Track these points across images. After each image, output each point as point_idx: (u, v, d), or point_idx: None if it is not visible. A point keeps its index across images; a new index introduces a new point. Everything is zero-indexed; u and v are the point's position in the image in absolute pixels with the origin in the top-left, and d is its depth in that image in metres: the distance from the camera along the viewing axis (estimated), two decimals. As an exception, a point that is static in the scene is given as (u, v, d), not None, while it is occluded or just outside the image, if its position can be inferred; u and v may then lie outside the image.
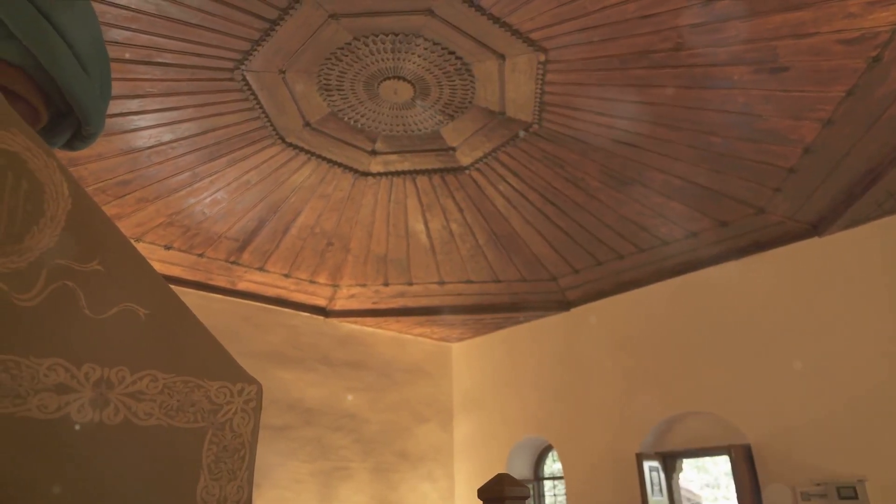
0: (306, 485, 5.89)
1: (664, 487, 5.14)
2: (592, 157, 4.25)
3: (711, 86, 3.44)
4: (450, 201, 4.94)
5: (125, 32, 3.13)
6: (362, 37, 3.40)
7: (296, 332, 6.31)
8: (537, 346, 6.52)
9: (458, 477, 6.98)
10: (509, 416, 6.58)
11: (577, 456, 5.79)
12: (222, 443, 0.88)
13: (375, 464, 6.44)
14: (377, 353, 6.87)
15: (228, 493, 0.88)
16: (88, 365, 0.79)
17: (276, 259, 5.49)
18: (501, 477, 1.97)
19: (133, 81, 3.46)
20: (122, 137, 3.88)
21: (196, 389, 0.87)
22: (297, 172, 4.55)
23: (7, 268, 0.76)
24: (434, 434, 7.02)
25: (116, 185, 4.31)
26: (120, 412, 0.81)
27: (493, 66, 3.62)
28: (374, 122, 4.17)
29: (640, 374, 5.44)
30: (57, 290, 0.80)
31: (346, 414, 6.39)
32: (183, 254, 5.20)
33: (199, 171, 4.33)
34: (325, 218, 5.07)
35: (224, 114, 3.88)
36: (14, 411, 0.73)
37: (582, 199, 4.70)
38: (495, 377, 6.92)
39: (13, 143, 0.80)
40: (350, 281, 5.95)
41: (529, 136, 4.17)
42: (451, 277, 5.85)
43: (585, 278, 5.76)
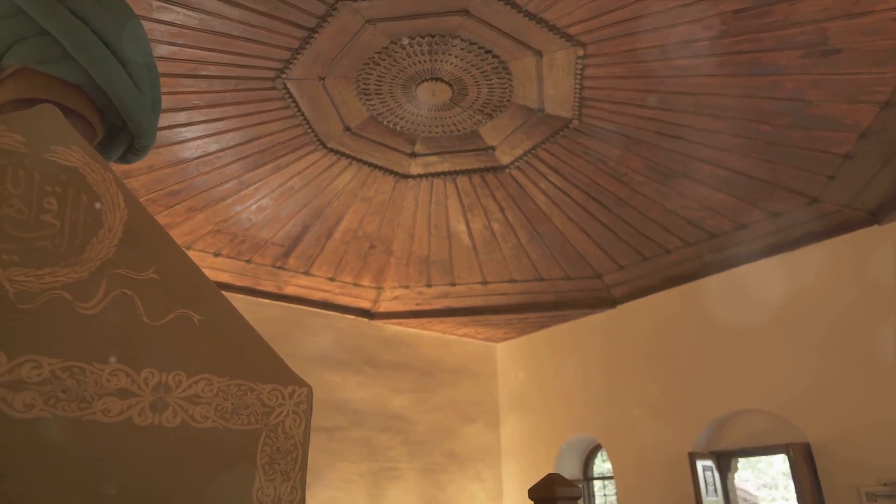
0: (356, 485, 5.97)
1: (719, 487, 5.00)
2: (635, 150, 4.17)
3: (758, 73, 3.33)
4: (490, 201, 4.93)
5: (171, 47, 3.24)
6: (399, 40, 3.42)
7: (342, 335, 6.39)
8: (583, 344, 6.44)
9: (506, 477, 6.95)
10: (556, 415, 6.51)
11: (627, 455, 5.69)
12: (275, 444, 0.90)
13: (423, 464, 6.47)
14: (422, 355, 6.90)
15: (282, 494, 0.90)
16: (147, 370, 0.82)
17: (320, 263, 5.58)
18: (552, 477, 1.95)
19: (180, 95, 3.57)
20: (171, 149, 4.01)
21: (249, 392, 0.90)
22: (339, 177, 4.61)
23: (70, 278, 0.80)
24: (481, 434, 7.01)
25: (167, 196, 4.45)
26: (178, 415, 0.83)
27: (531, 64, 3.59)
28: (412, 125, 4.19)
29: (690, 371, 5.31)
30: (116, 298, 0.83)
31: (393, 415, 6.45)
32: (231, 260, 5.33)
33: (245, 179, 4.44)
34: (368, 221, 5.12)
35: (267, 122, 3.96)
36: (80, 415, 0.77)
37: (625, 194, 4.61)
38: (541, 376, 6.86)
39: (73, 159, 0.84)
40: (393, 283, 5.99)
41: (570, 132, 4.12)
42: (494, 277, 5.83)
43: (631, 274, 5.65)
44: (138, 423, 0.79)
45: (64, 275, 0.79)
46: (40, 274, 0.77)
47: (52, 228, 0.80)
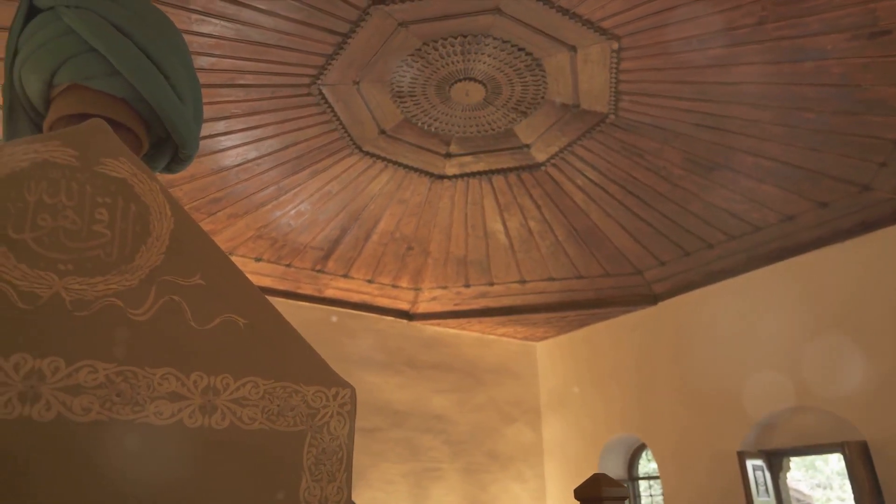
0: (398, 486, 6.00)
1: (770, 487, 4.86)
2: (674, 143, 4.08)
3: (802, 58, 3.23)
4: (527, 199, 4.90)
5: (210, 58, 3.32)
6: (431, 41, 3.43)
7: (381, 336, 6.45)
8: (625, 341, 6.34)
9: (548, 477, 6.89)
10: (599, 414, 6.43)
11: (672, 454, 5.58)
12: (321, 445, 0.92)
13: (465, 464, 6.47)
14: (461, 355, 6.90)
15: (329, 494, 0.91)
16: (196, 373, 0.84)
17: (359, 265, 5.64)
18: (598, 477, 1.92)
19: (219, 104, 3.65)
20: (212, 158, 4.11)
21: (294, 394, 0.91)
22: (375, 180, 4.66)
23: (122, 286, 0.83)
24: (522, 434, 6.97)
25: (209, 203, 4.57)
26: (227, 418, 0.85)
27: (565, 59, 3.56)
28: (447, 125, 4.20)
29: (738, 368, 5.18)
30: (165, 304, 0.85)
31: (434, 415, 6.47)
32: (272, 265, 5.44)
33: (283, 184, 4.52)
34: (405, 223, 5.15)
35: (303, 128, 4.03)
36: (134, 418, 0.79)
37: (665, 189, 4.53)
38: (583, 375, 6.79)
39: (121, 171, 0.87)
40: (431, 284, 6.02)
41: (606, 127, 4.06)
42: (533, 276, 5.80)
43: (673, 270, 5.54)
44: (189, 426, 0.81)
45: (116, 283, 0.82)
46: (94, 282, 0.80)
47: (104, 238, 0.83)
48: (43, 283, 0.78)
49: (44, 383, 0.74)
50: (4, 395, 0.71)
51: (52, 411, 0.73)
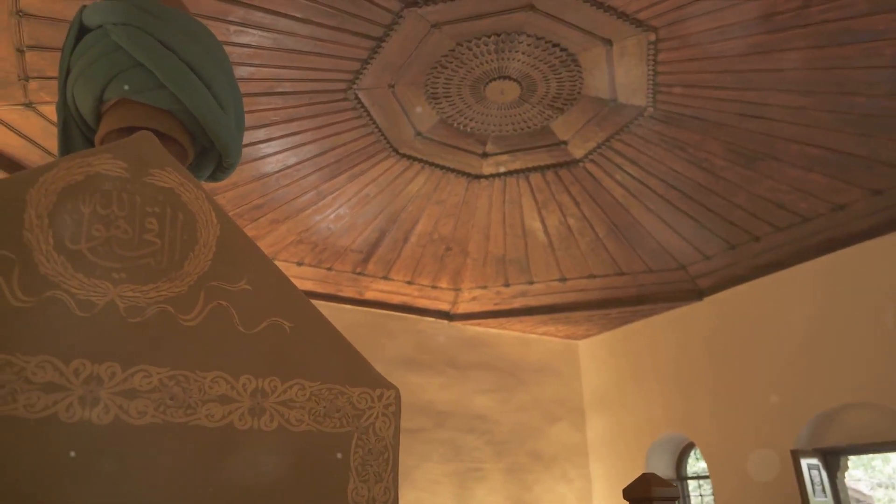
0: (442, 486, 6.02)
1: (827, 487, 4.69)
2: (715, 135, 3.98)
3: (850, 41, 3.10)
4: (565, 196, 4.85)
5: (249, 68, 3.39)
6: (465, 42, 3.43)
7: (422, 337, 6.47)
8: (670, 338, 6.21)
9: (594, 477, 6.81)
10: (645, 413, 6.32)
11: (723, 454, 5.44)
12: (367, 446, 0.93)
13: (509, 465, 6.44)
14: (503, 354, 6.88)
15: (376, 495, 0.92)
16: (245, 376, 0.87)
17: (398, 267, 5.68)
18: (647, 476, 1.89)
19: (258, 112, 3.73)
20: (253, 165, 4.20)
21: (340, 396, 0.93)
22: (413, 182, 4.68)
23: (172, 292, 0.85)
24: (566, 433, 6.90)
25: (251, 210, 4.67)
26: (275, 419, 0.87)
27: (601, 53, 3.51)
28: (482, 125, 4.19)
29: (789, 364, 5.01)
30: (214, 309, 0.88)
31: (477, 415, 6.46)
32: (313, 268, 5.52)
33: (323, 189, 4.59)
34: (442, 224, 5.16)
35: (341, 133, 4.08)
36: (187, 420, 0.82)
37: (707, 181, 4.42)
38: (627, 373, 6.68)
39: (169, 180, 0.90)
40: (471, 284, 6.01)
41: (644, 121, 3.99)
42: (573, 273, 5.73)
43: (718, 264, 5.40)
44: (239, 428, 0.83)
45: (166, 289, 0.85)
46: (146, 289, 0.83)
47: (154, 246, 0.86)
48: (98, 291, 0.81)
49: (102, 388, 0.77)
50: (66, 400, 0.74)
51: (110, 414, 0.76)
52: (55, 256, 0.80)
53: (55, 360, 0.77)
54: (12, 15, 2.79)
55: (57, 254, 0.81)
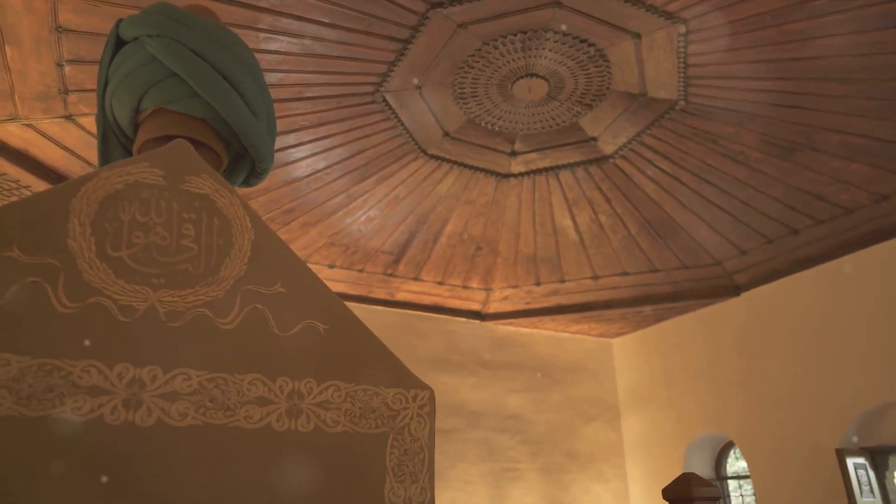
0: (477, 486, 6.01)
1: (875, 487, 4.54)
2: (749, 126, 3.89)
3: (891, 25, 3.00)
4: (596, 193, 4.80)
5: (278, 74, 3.44)
6: (491, 41, 3.42)
7: (454, 338, 6.48)
8: (707, 335, 6.09)
9: (631, 477, 6.71)
10: (682, 411, 6.21)
11: (764, 453, 5.31)
12: (403, 446, 0.93)
13: (544, 464, 6.40)
14: (535, 354, 6.84)
15: (413, 495, 0.93)
16: (282, 378, 0.88)
17: (429, 268, 5.69)
18: (688, 476, 1.85)
19: (288, 118, 3.78)
20: (284, 170, 4.26)
21: (375, 397, 0.93)
22: (441, 182, 4.69)
23: (209, 296, 0.87)
24: (602, 433, 6.82)
25: (283, 214, 4.74)
26: (311, 421, 0.88)
27: (629, 48, 3.46)
28: (510, 124, 4.17)
29: (833, 360, 4.87)
30: (250, 312, 0.89)
31: (511, 415, 6.44)
32: (345, 271, 5.57)
33: (352, 191, 4.63)
34: (472, 223, 5.16)
35: (369, 135, 4.11)
36: (226, 422, 0.83)
37: (742, 174, 4.32)
38: (663, 371, 6.57)
39: (204, 187, 0.92)
40: (502, 283, 5.99)
41: (676, 114, 3.92)
42: (605, 271, 5.67)
43: (755, 259, 5.28)
44: (277, 429, 0.85)
45: (204, 294, 0.86)
46: (184, 294, 0.85)
47: (191, 252, 0.87)
48: (139, 296, 0.83)
49: (144, 391, 0.79)
50: (111, 403, 0.76)
51: (152, 417, 0.78)
52: (97, 263, 0.83)
53: (99, 365, 0.79)
54: (52, 31, 2.88)
55: (99, 261, 0.83)
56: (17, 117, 3.37)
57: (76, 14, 2.83)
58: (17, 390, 0.72)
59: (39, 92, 3.23)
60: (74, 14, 2.83)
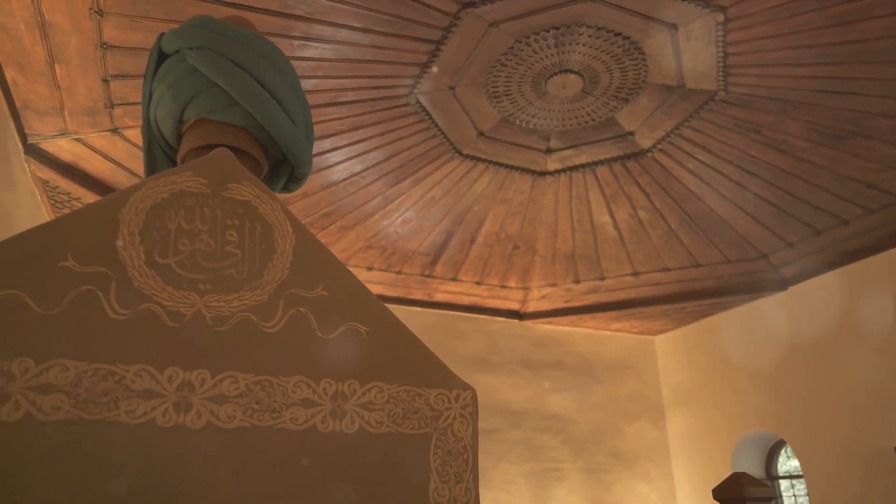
0: (519, 486, 5.98)
1: (939, 486, 4.33)
2: (794, 115, 3.77)
3: (944, 4, 2.87)
4: (634, 188, 4.72)
5: (313, 80, 3.49)
6: (524, 38, 3.40)
7: (493, 337, 6.46)
8: (753, 331, 5.93)
9: (677, 477, 6.58)
10: (729, 409, 6.05)
11: (817, 451, 5.14)
12: (446, 447, 0.94)
13: (587, 464, 6.33)
14: (576, 352, 6.77)
15: (457, 495, 0.93)
16: (325, 380, 0.89)
17: (466, 268, 5.69)
18: (739, 476, 1.80)
19: (324, 123, 3.83)
20: (321, 174, 4.32)
21: (417, 397, 0.94)
22: (477, 182, 4.68)
23: (253, 301, 0.89)
24: (646, 432, 6.71)
25: (321, 218, 4.80)
26: (355, 422, 0.89)
27: (665, 39, 3.39)
28: (545, 121, 4.14)
29: (888, 354, 4.67)
30: (293, 316, 0.91)
31: (552, 415, 6.38)
32: (383, 273, 5.61)
33: (389, 194, 4.66)
34: (509, 222, 5.14)
35: (404, 137, 4.13)
36: (273, 423, 0.85)
37: (787, 164, 4.19)
38: (707, 369, 6.42)
39: (246, 194, 0.94)
40: (540, 282, 5.95)
41: (716, 105, 3.83)
42: (645, 267, 5.57)
43: (803, 251, 5.11)
44: (322, 430, 0.86)
45: (248, 298, 0.88)
46: (229, 299, 0.87)
47: (235, 257, 0.89)
48: (186, 302, 0.85)
49: (194, 393, 0.81)
50: (162, 406, 0.78)
51: (202, 419, 0.80)
52: (147, 271, 0.85)
53: (151, 369, 0.81)
54: (97, 48, 2.98)
55: (148, 268, 0.85)
56: (67, 132, 3.50)
57: (120, 31, 2.93)
58: (76, 394, 0.75)
59: (87, 107, 3.35)
60: (118, 31, 2.93)
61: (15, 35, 2.83)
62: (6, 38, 2.84)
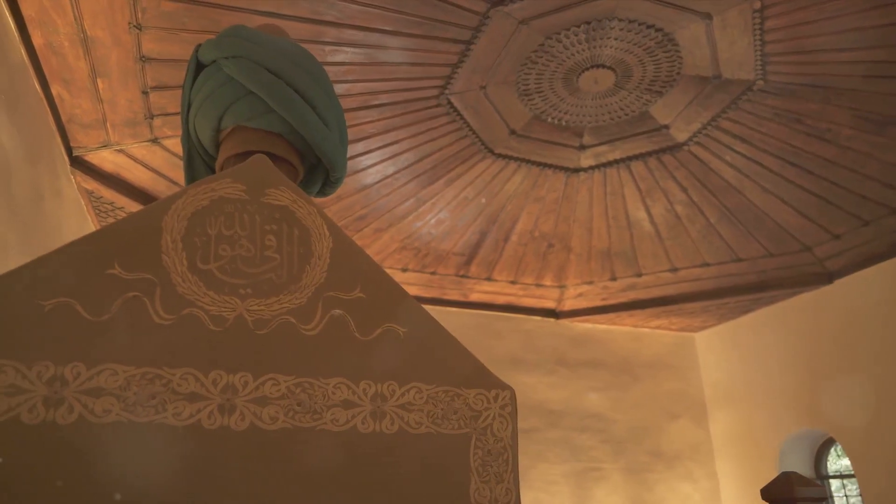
0: (559, 486, 5.93)
1: None
2: (837, 102, 3.65)
3: None
4: (670, 182, 4.63)
5: (345, 84, 3.53)
6: (554, 34, 3.37)
7: (530, 337, 6.42)
8: (798, 326, 5.75)
9: (721, 476, 6.43)
10: (774, 407, 5.89)
11: (870, 450, 4.96)
12: (486, 447, 0.93)
13: (627, 464, 6.24)
14: (614, 351, 6.68)
15: (498, 496, 0.92)
16: (365, 382, 0.90)
17: (501, 267, 5.67)
18: (790, 475, 1.74)
19: (357, 126, 3.87)
20: (355, 177, 4.36)
21: (456, 398, 0.94)
22: (510, 181, 4.66)
23: (293, 304, 0.90)
24: (688, 431, 6.58)
25: (355, 221, 4.85)
26: (395, 423, 0.90)
27: (700, 29, 3.32)
28: (578, 117, 4.10)
29: (943, 349, 4.48)
30: (331, 318, 0.92)
31: (591, 414, 6.31)
32: (417, 274, 5.64)
33: (422, 195, 4.68)
34: (543, 221, 5.10)
35: (436, 138, 4.14)
36: (314, 425, 0.86)
37: (831, 153, 4.05)
38: (751, 365, 6.26)
39: (283, 199, 0.96)
40: (576, 280, 5.89)
41: (754, 95, 3.73)
42: (684, 263, 5.46)
43: (849, 243, 4.94)
44: (362, 431, 0.86)
45: (287, 301, 0.90)
46: (269, 303, 0.88)
47: (274, 262, 0.91)
48: (228, 306, 0.87)
49: (237, 396, 0.82)
50: (207, 408, 0.80)
51: (245, 421, 0.81)
52: (189, 277, 0.87)
53: (196, 372, 0.83)
54: (137, 61, 3.07)
55: (191, 274, 0.87)
56: (109, 143, 3.61)
57: (157, 43, 3.01)
58: (125, 398, 0.77)
59: (127, 118, 3.45)
60: (156, 43, 3.01)
61: (60, 52, 2.93)
62: (52, 55, 2.94)
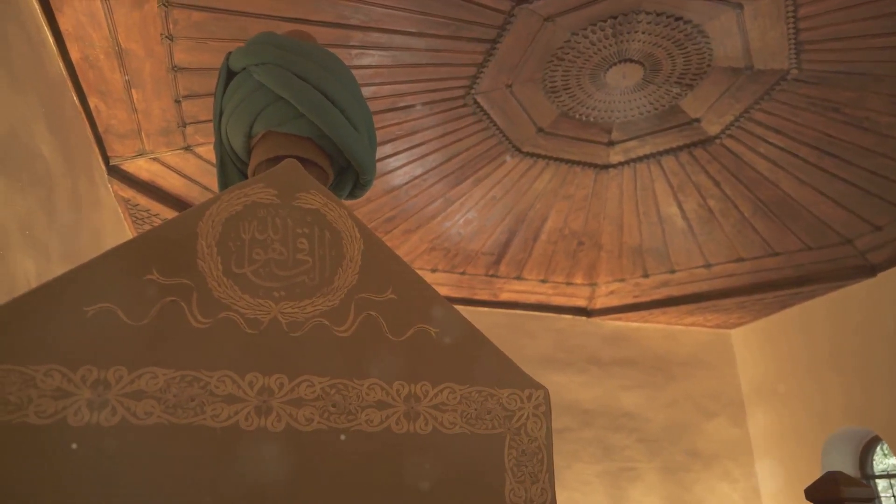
0: (594, 486, 5.87)
1: None
2: (876, 89, 3.54)
3: None
4: (702, 177, 4.55)
5: (372, 87, 3.55)
6: (580, 30, 3.34)
7: (562, 335, 6.37)
8: (839, 321, 5.59)
9: (761, 476, 6.28)
10: (815, 405, 5.73)
11: (917, 448, 4.79)
12: (520, 447, 0.93)
13: (663, 463, 6.14)
14: (647, 349, 6.58)
15: (533, 496, 0.92)
16: (398, 382, 0.90)
17: (531, 266, 5.64)
18: (835, 475, 1.69)
19: (384, 128, 3.89)
20: (383, 179, 4.39)
21: (490, 398, 0.94)
22: (538, 179, 4.64)
23: (326, 306, 0.91)
24: (725, 430, 6.44)
25: (384, 222, 4.88)
26: (429, 423, 0.90)
27: (730, 19, 3.25)
28: (606, 113, 4.05)
29: None
30: (364, 319, 0.93)
31: (624, 413, 6.23)
32: (447, 274, 5.64)
33: (450, 195, 4.68)
34: (572, 218, 5.06)
35: (462, 138, 4.14)
36: (349, 426, 0.87)
37: (870, 142, 3.93)
38: (790, 362, 6.10)
39: (315, 202, 0.97)
40: (607, 278, 5.83)
41: (788, 85, 3.64)
42: (718, 258, 5.36)
43: (892, 234, 4.78)
44: (396, 432, 0.87)
45: (321, 304, 0.91)
46: (303, 305, 0.89)
47: (307, 265, 0.92)
48: (263, 309, 0.88)
49: (273, 398, 0.84)
50: (244, 410, 0.81)
51: (282, 422, 0.82)
52: (224, 281, 0.89)
53: (233, 374, 0.84)
54: (169, 71, 3.14)
55: (226, 278, 0.89)
56: (144, 152, 3.70)
57: (188, 53, 3.07)
58: (165, 400, 0.79)
59: (161, 127, 3.53)
60: (187, 53, 3.07)
61: (96, 65, 3.02)
62: (89, 68, 3.03)
